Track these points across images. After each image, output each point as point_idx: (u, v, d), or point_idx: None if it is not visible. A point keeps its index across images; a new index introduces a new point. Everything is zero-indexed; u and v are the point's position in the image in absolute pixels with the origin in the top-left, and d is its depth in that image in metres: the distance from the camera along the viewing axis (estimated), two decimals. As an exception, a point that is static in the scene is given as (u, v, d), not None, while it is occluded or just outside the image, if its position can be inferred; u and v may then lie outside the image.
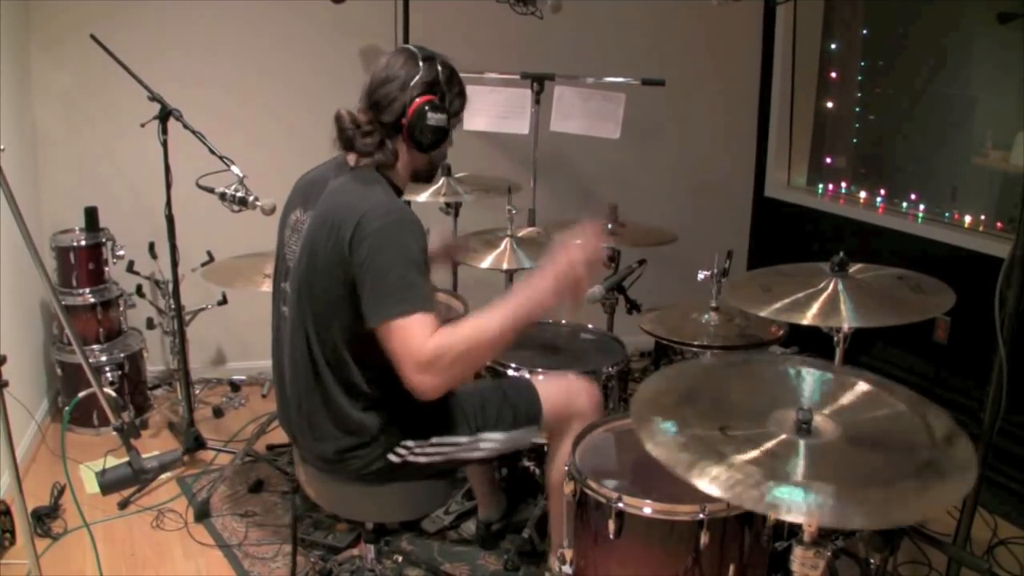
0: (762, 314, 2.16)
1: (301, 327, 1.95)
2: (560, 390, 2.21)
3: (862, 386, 1.74)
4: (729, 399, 1.73)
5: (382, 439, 1.99)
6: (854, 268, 2.30)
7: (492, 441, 2.11)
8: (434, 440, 2.04)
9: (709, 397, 1.72)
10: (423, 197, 3.30)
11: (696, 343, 2.59)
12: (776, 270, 2.44)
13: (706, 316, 2.66)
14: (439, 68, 1.98)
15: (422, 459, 2.03)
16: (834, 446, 1.55)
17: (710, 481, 1.42)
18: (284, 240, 2.07)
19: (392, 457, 2.00)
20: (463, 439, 2.07)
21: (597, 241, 1.96)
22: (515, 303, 1.88)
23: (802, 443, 1.53)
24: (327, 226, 1.89)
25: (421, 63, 1.96)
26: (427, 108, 1.94)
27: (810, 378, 1.77)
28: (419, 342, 1.76)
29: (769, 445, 1.52)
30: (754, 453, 1.50)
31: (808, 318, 2.10)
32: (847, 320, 2.08)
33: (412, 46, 2.01)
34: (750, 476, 1.42)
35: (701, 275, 2.64)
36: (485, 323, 1.85)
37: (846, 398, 1.72)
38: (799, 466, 1.47)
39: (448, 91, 2.00)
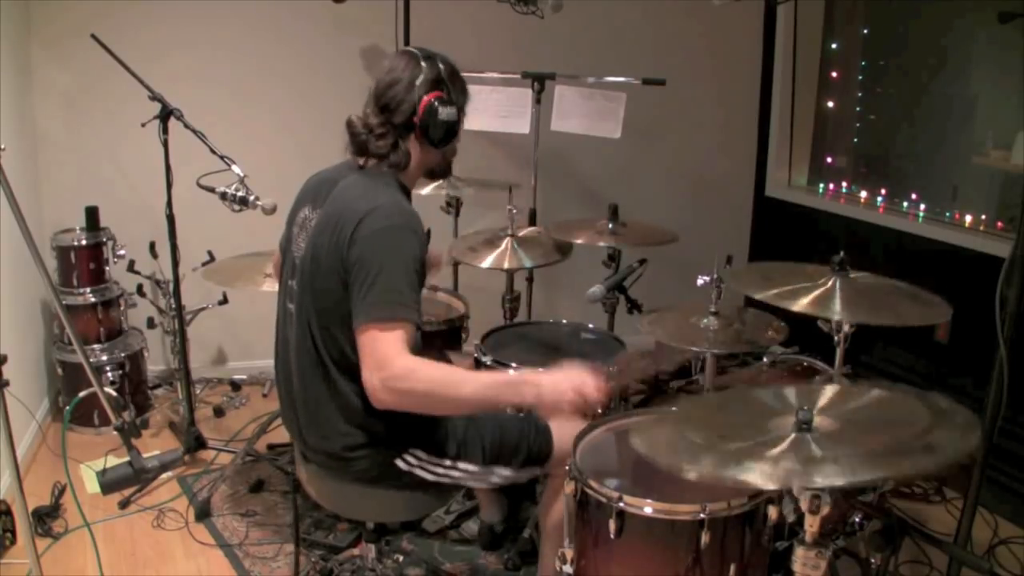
0: (758, 297, 2.19)
1: (307, 322, 1.96)
2: (569, 434, 2.18)
3: (834, 387, 1.79)
4: (725, 420, 1.75)
5: (390, 440, 1.98)
6: (854, 275, 2.29)
7: (501, 476, 2.11)
8: (447, 462, 2.03)
9: (706, 424, 1.73)
10: (425, 190, 3.29)
11: (695, 348, 2.58)
12: (778, 265, 2.45)
13: (705, 320, 2.66)
14: (440, 66, 2.02)
15: (429, 476, 2.02)
16: (839, 435, 1.57)
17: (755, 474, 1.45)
18: (292, 237, 2.07)
19: (399, 463, 2.00)
20: (475, 468, 2.07)
21: (599, 392, 1.90)
22: (497, 383, 1.90)
23: (809, 437, 1.54)
24: (331, 224, 1.90)
25: (423, 62, 1.99)
26: (437, 104, 1.97)
27: (792, 390, 1.80)
28: (391, 352, 1.76)
29: (782, 446, 1.53)
30: (773, 452, 1.51)
31: (803, 305, 2.13)
32: (841, 312, 2.10)
33: (411, 48, 2.05)
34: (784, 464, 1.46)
35: (700, 281, 2.64)
36: (459, 380, 1.84)
37: (826, 398, 1.73)
38: (817, 452, 1.50)
39: (452, 87, 2.03)
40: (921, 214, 3.83)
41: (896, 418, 1.60)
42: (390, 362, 1.76)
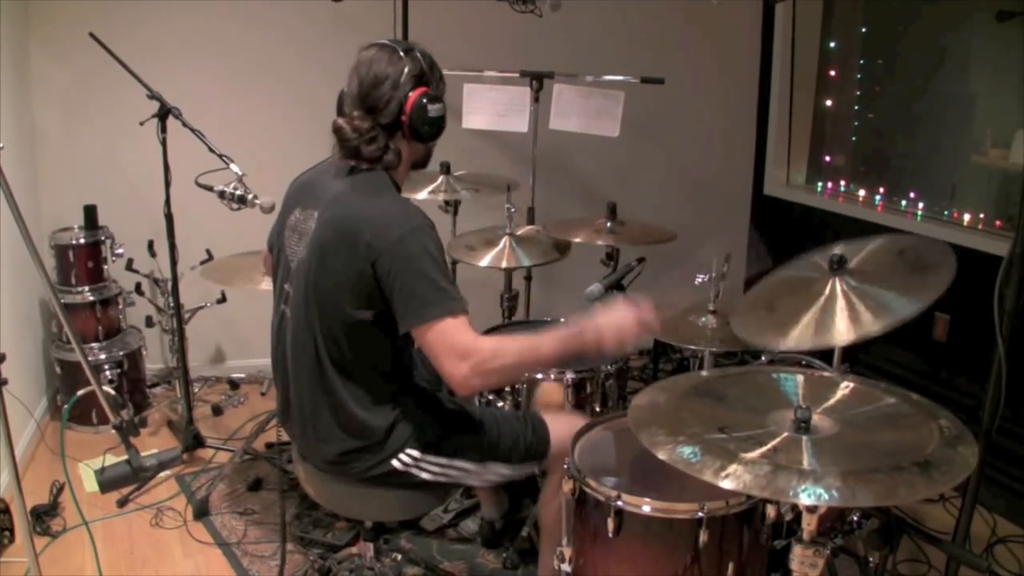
0: (783, 348, 2.10)
1: (307, 327, 1.95)
2: (569, 431, 2.19)
3: (848, 384, 1.79)
4: (725, 405, 1.76)
5: (388, 443, 1.98)
6: (847, 248, 2.22)
7: (498, 473, 2.11)
8: (443, 460, 2.03)
9: (706, 404, 1.75)
10: (422, 195, 3.30)
11: (694, 346, 2.58)
12: (771, 281, 2.37)
13: (704, 319, 2.66)
14: (419, 56, 1.97)
15: (426, 475, 2.02)
16: (835, 440, 1.57)
17: (732, 480, 1.45)
18: (283, 241, 2.06)
19: (395, 463, 2.00)
20: (472, 466, 2.07)
21: (657, 320, 2.00)
22: (565, 336, 1.91)
23: (804, 439, 1.55)
24: (338, 231, 1.88)
25: (404, 56, 1.94)
26: (425, 100, 1.93)
27: (798, 381, 1.81)
28: (468, 339, 1.81)
29: (774, 443, 1.55)
30: (761, 450, 1.52)
31: (836, 339, 2.01)
32: (871, 330, 1.97)
33: (386, 40, 1.98)
34: (766, 470, 1.46)
35: (699, 279, 2.64)
36: (535, 345, 1.89)
37: (835, 397, 1.75)
38: (806, 459, 1.50)
39: (433, 77, 1.99)
40: (920, 213, 3.83)
41: (899, 434, 1.60)
42: (475, 348, 1.81)
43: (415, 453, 2.00)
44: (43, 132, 3.73)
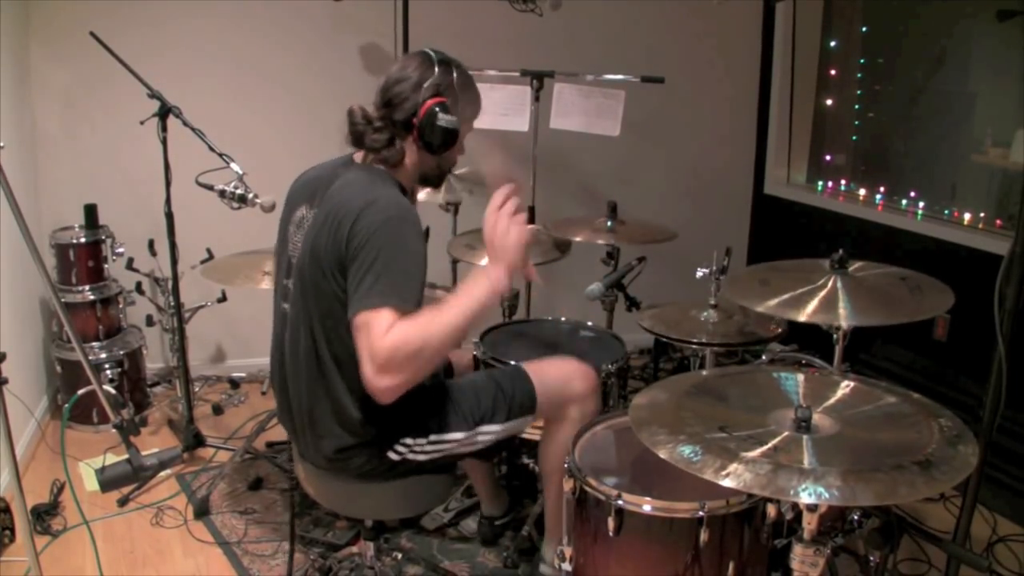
0: (759, 309, 2.16)
1: (306, 323, 1.95)
2: (555, 375, 2.21)
3: (849, 384, 1.80)
4: (726, 404, 1.77)
5: (381, 437, 1.99)
6: (856, 266, 2.30)
7: (489, 433, 2.12)
8: (432, 437, 2.04)
9: (707, 404, 1.75)
10: (421, 195, 3.29)
11: (695, 340, 2.58)
12: (775, 265, 2.45)
13: (705, 313, 2.67)
14: (455, 73, 2.00)
15: (421, 457, 2.04)
16: (835, 440, 1.58)
17: (732, 479, 1.45)
18: (287, 237, 2.07)
19: (391, 455, 2.01)
20: (460, 435, 2.08)
21: (525, 229, 1.95)
22: (468, 289, 1.88)
23: (805, 438, 1.55)
24: (329, 221, 1.89)
25: (437, 66, 1.98)
26: (438, 110, 1.95)
27: (799, 380, 1.82)
28: (377, 337, 1.71)
29: (775, 442, 1.55)
30: (761, 449, 1.52)
31: (805, 315, 2.10)
32: (844, 318, 2.09)
33: (431, 49, 2.03)
34: (767, 469, 1.46)
35: (699, 272, 2.64)
36: (438, 315, 1.80)
37: (835, 396, 1.75)
38: (807, 458, 1.51)
39: (461, 96, 2.02)
40: (920, 212, 3.83)
41: (899, 433, 1.60)
42: (380, 345, 1.71)
43: (408, 440, 2.01)
44: (44, 131, 3.73)
